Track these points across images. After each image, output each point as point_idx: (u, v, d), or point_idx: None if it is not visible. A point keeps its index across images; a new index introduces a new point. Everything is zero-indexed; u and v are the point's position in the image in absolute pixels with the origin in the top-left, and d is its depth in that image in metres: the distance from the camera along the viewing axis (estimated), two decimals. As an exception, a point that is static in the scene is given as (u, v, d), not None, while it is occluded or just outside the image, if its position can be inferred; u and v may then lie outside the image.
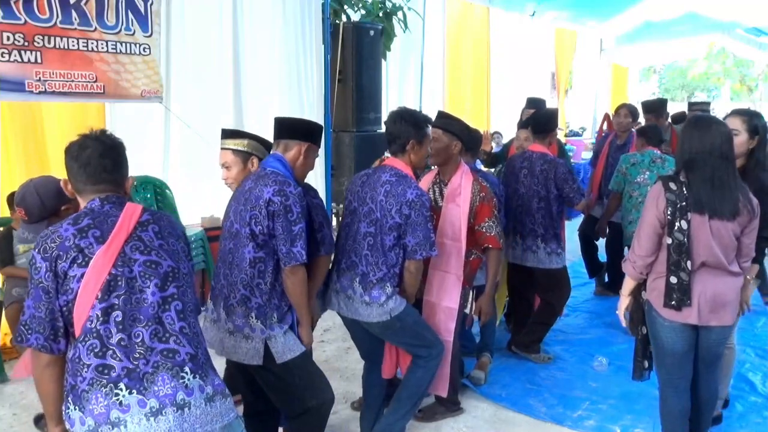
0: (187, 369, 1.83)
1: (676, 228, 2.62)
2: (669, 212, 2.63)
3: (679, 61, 23.70)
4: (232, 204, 2.67)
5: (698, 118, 2.84)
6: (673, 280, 2.67)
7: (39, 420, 3.52)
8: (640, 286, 2.86)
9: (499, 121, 9.05)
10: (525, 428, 3.63)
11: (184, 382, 1.81)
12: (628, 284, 2.90)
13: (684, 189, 2.62)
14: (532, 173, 4.14)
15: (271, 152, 2.72)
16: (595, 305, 5.50)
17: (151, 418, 1.76)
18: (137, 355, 1.78)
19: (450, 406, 3.62)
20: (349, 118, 5.60)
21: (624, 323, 2.99)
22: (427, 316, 3.27)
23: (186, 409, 1.79)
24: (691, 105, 7.59)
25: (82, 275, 1.80)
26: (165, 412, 1.77)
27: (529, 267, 4.20)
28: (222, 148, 3.01)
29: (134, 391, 1.76)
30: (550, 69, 11.26)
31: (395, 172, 2.93)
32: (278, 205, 2.48)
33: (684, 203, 2.61)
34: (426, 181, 3.50)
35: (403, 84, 7.72)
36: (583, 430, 3.59)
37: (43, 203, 3.00)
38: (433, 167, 3.54)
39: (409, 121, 2.96)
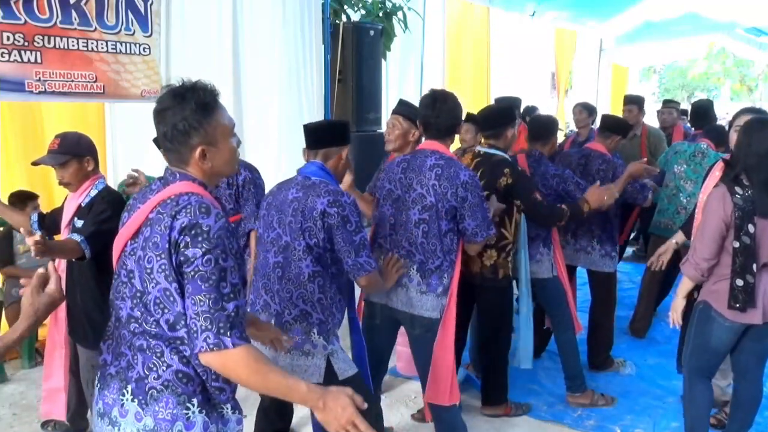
0: (129, 389, 1.69)
1: (743, 231, 2.67)
2: (737, 216, 2.68)
3: (679, 61, 23.71)
4: (273, 213, 2.55)
5: (759, 120, 2.86)
6: (739, 282, 2.73)
7: (45, 425, 3.52)
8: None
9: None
10: (525, 428, 3.64)
11: (122, 400, 1.71)
12: (686, 286, 2.94)
13: (748, 192, 2.67)
14: (588, 172, 4.05)
15: (309, 160, 2.64)
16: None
17: (98, 420, 1.78)
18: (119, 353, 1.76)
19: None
20: (349, 118, 5.59)
21: (674, 324, 3.00)
22: None
23: (111, 427, 1.72)
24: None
25: None
26: (104, 420, 1.75)
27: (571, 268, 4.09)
28: None
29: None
30: (550, 69, 11.26)
31: (440, 155, 2.84)
32: (335, 217, 2.40)
33: (751, 207, 2.66)
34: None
35: (403, 84, 7.71)
36: (583, 429, 3.60)
37: (79, 141, 2.99)
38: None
39: (457, 104, 2.90)
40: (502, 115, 3.42)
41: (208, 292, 1.58)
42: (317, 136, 2.62)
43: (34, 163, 2.99)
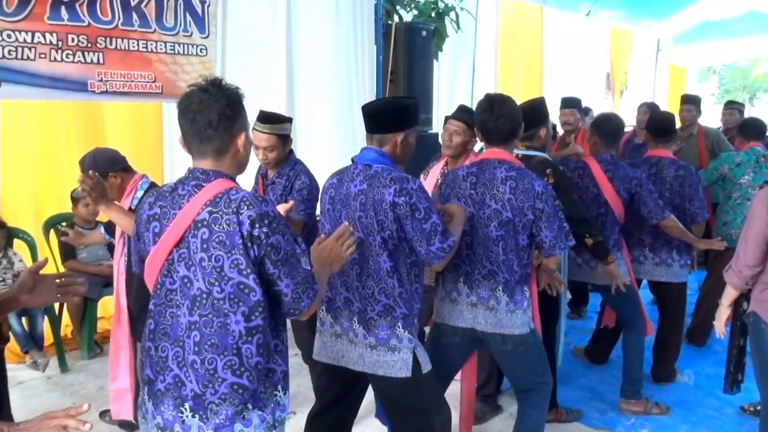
0: (187, 406, 1.76)
1: None
2: None
3: (739, 61, 22.95)
4: (340, 208, 2.48)
5: None
6: None
7: (103, 415, 3.63)
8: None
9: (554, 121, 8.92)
10: (576, 434, 3.58)
11: (182, 417, 1.77)
12: (729, 294, 2.78)
13: None
14: (662, 180, 3.88)
15: (367, 146, 2.53)
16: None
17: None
18: (159, 369, 1.82)
19: (493, 404, 3.61)
20: (400, 118, 5.59)
21: (720, 334, 2.87)
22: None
23: None
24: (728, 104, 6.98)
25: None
26: None
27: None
28: (263, 132, 3.21)
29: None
30: (605, 69, 11.04)
31: (510, 166, 2.70)
32: (404, 206, 2.32)
33: None
34: (435, 173, 3.55)
35: (455, 85, 7.68)
36: (636, 438, 3.52)
37: (94, 162, 3.11)
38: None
39: (514, 106, 2.79)
40: (532, 115, 3.23)
41: (298, 264, 1.77)
42: (375, 121, 2.50)
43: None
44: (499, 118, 2.71)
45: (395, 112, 2.49)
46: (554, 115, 5.63)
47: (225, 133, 1.77)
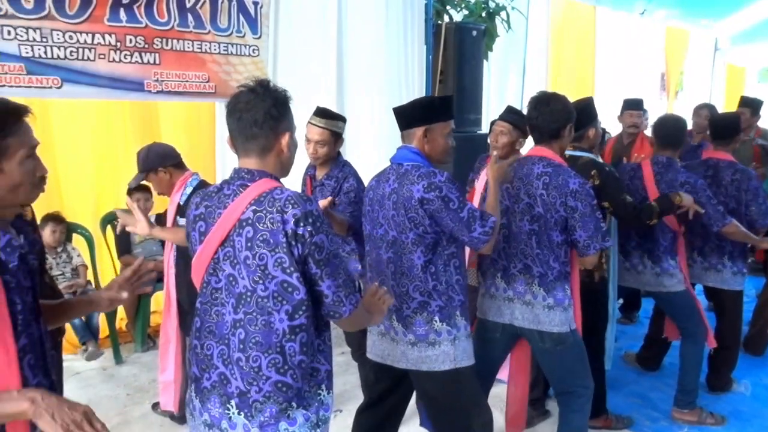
0: (233, 403, 1.78)
1: None
2: None
3: (803, 61, 22.14)
4: (377, 209, 2.51)
5: None
6: None
7: (155, 407, 3.72)
8: None
9: (605, 123, 8.75)
10: (626, 442, 3.50)
11: (229, 414, 1.80)
12: None
13: None
14: (718, 183, 3.74)
15: (401, 146, 2.57)
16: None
17: (206, 430, 1.85)
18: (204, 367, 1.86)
19: (540, 409, 3.56)
20: (449, 118, 5.57)
21: None
22: None
23: None
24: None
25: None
26: (214, 430, 1.83)
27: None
28: (318, 126, 3.26)
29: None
30: (659, 69, 10.78)
31: (548, 162, 2.72)
32: (435, 201, 2.33)
33: None
34: (485, 173, 3.53)
35: (505, 85, 7.61)
36: (689, 448, 3.43)
37: (146, 157, 3.19)
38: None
39: (562, 104, 2.79)
40: (580, 115, 3.17)
41: (341, 265, 1.79)
42: (399, 117, 2.56)
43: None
44: (540, 117, 2.76)
45: (417, 106, 2.55)
46: (606, 116, 5.53)
47: (270, 132, 1.78)
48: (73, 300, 2.00)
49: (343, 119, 3.37)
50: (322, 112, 3.30)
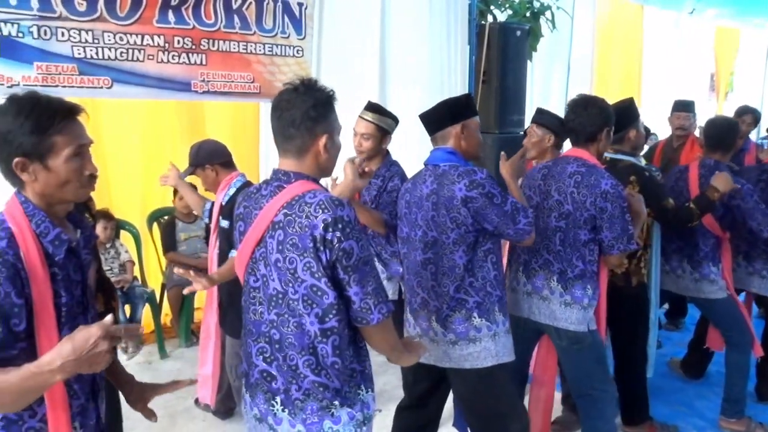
0: (278, 399, 1.81)
1: None
2: None
3: None
4: (415, 211, 2.52)
5: None
6: None
7: (198, 402, 3.79)
8: None
9: (651, 124, 8.59)
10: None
11: (273, 410, 1.82)
12: None
13: None
14: None
15: (434, 148, 2.58)
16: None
17: (257, 423, 1.88)
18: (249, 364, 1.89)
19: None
20: (492, 119, 5.52)
21: None
22: None
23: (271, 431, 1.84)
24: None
25: None
26: (263, 425, 1.86)
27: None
28: (366, 120, 3.29)
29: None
30: (709, 70, 10.53)
31: (582, 162, 2.75)
32: (479, 198, 2.33)
33: None
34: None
35: (549, 85, 7.53)
36: (736, 458, 3.34)
37: (197, 152, 3.25)
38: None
39: (600, 108, 2.80)
40: (621, 116, 3.13)
41: (371, 272, 1.73)
42: (427, 123, 2.57)
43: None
44: (577, 119, 2.80)
45: (449, 105, 2.55)
46: (653, 118, 5.42)
47: (306, 133, 1.77)
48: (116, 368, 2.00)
49: (393, 117, 3.36)
50: (371, 107, 3.35)
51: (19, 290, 1.46)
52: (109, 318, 1.42)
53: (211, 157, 3.21)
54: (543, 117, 3.41)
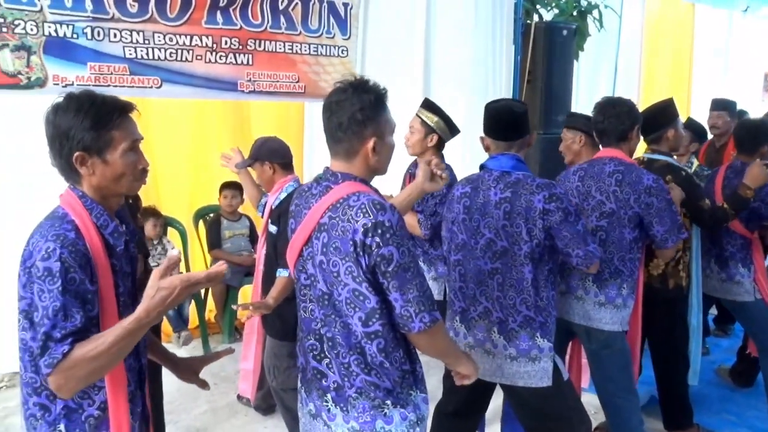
0: (329, 396, 1.81)
1: None
2: None
3: None
4: (477, 218, 2.42)
5: None
6: None
7: (240, 398, 3.85)
8: None
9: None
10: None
11: (327, 406, 1.82)
12: None
13: None
14: None
15: (500, 152, 2.47)
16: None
17: (311, 419, 1.88)
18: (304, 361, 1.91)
19: None
20: (537, 120, 5.47)
21: None
22: None
23: (326, 427, 1.84)
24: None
25: None
26: (318, 420, 1.86)
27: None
28: (416, 113, 3.33)
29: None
30: (762, 69, 10.22)
31: (619, 161, 2.74)
32: (556, 212, 2.28)
33: None
34: None
35: (595, 85, 7.41)
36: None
37: (260, 146, 3.24)
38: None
39: (628, 108, 2.82)
40: (659, 116, 3.10)
41: (413, 279, 1.69)
42: (512, 127, 2.45)
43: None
44: (605, 120, 2.82)
45: (524, 114, 2.50)
46: (705, 119, 5.29)
47: (353, 137, 1.75)
48: (156, 347, 2.08)
49: (443, 117, 3.32)
50: (424, 103, 3.39)
51: (89, 278, 1.54)
52: (174, 253, 1.52)
53: (272, 155, 3.19)
54: (571, 120, 3.43)
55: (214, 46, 4.06)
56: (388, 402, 1.76)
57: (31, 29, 3.46)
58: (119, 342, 1.46)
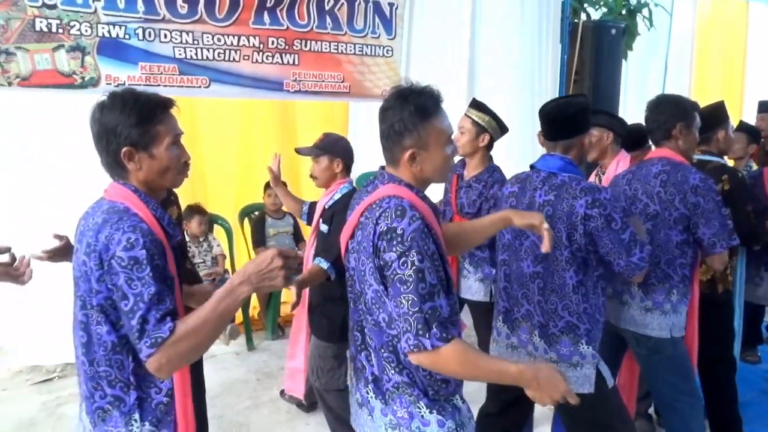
0: (370, 387, 1.83)
1: None
2: None
3: None
4: None
5: None
6: None
7: (283, 394, 3.88)
8: None
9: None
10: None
11: (369, 396, 1.84)
12: None
13: None
14: None
15: (549, 153, 2.44)
16: None
17: (358, 408, 1.90)
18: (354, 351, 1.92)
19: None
20: (583, 120, 5.40)
21: None
22: None
23: (369, 417, 1.85)
24: None
25: None
26: (363, 410, 1.88)
27: None
28: (465, 114, 3.31)
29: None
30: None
31: (667, 161, 2.66)
32: (598, 218, 2.21)
33: None
34: (590, 180, 3.51)
35: (644, 85, 7.26)
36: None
37: (336, 141, 3.18)
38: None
39: (673, 104, 2.72)
40: (707, 116, 3.00)
41: (407, 294, 1.61)
42: (560, 126, 2.39)
43: (297, 151, 3.27)
44: (653, 118, 2.75)
45: (580, 113, 2.41)
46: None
47: (393, 147, 1.78)
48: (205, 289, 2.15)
49: (493, 116, 3.30)
50: (472, 103, 3.38)
51: (167, 265, 1.61)
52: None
53: (345, 154, 3.17)
54: (597, 118, 3.35)
55: (261, 46, 4.12)
56: (422, 403, 1.74)
57: (86, 30, 3.56)
58: (219, 307, 1.54)
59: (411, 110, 1.73)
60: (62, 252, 2.16)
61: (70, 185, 3.93)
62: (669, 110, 2.71)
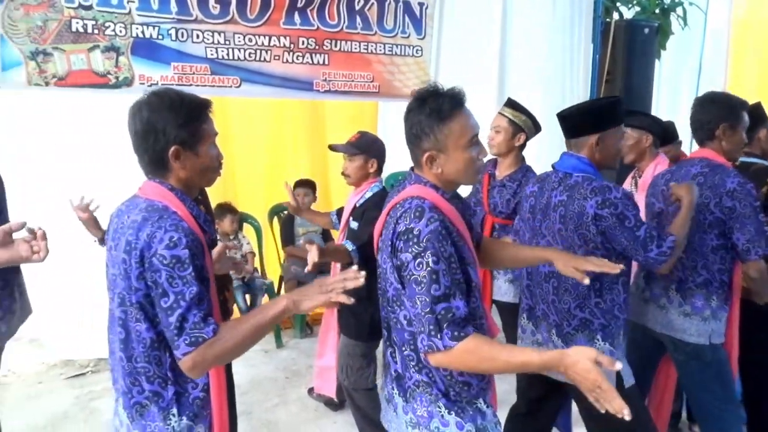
0: (394, 384, 1.85)
1: None
2: None
3: None
4: (540, 218, 2.41)
5: None
6: None
7: (311, 391, 3.90)
8: None
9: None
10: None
11: (393, 393, 1.85)
12: None
13: None
14: None
15: (566, 152, 2.43)
16: None
17: (386, 404, 1.92)
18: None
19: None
20: (615, 120, 5.33)
21: None
22: None
23: (394, 413, 1.86)
24: None
25: None
26: (390, 406, 1.89)
27: None
28: (500, 113, 3.32)
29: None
30: None
31: (707, 163, 2.60)
32: (609, 218, 2.19)
33: None
34: (627, 183, 3.50)
35: (677, 86, 7.15)
36: None
37: (373, 142, 3.18)
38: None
39: (718, 103, 2.64)
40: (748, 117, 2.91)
41: (420, 295, 1.62)
42: (568, 124, 2.40)
43: (332, 147, 3.26)
44: (696, 117, 2.68)
45: (589, 112, 2.38)
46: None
47: (414, 148, 1.81)
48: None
49: (528, 115, 3.30)
50: (507, 102, 3.38)
51: (205, 265, 1.65)
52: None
53: (380, 155, 3.19)
54: (634, 119, 3.31)
55: (292, 46, 4.15)
56: (442, 404, 1.74)
57: (120, 31, 3.62)
58: (261, 328, 1.62)
59: (427, 113, 1.74)
60: (93, 220, 2.42)
61: (106, 183, 4.00)
62: (714, 110, 2.63)
